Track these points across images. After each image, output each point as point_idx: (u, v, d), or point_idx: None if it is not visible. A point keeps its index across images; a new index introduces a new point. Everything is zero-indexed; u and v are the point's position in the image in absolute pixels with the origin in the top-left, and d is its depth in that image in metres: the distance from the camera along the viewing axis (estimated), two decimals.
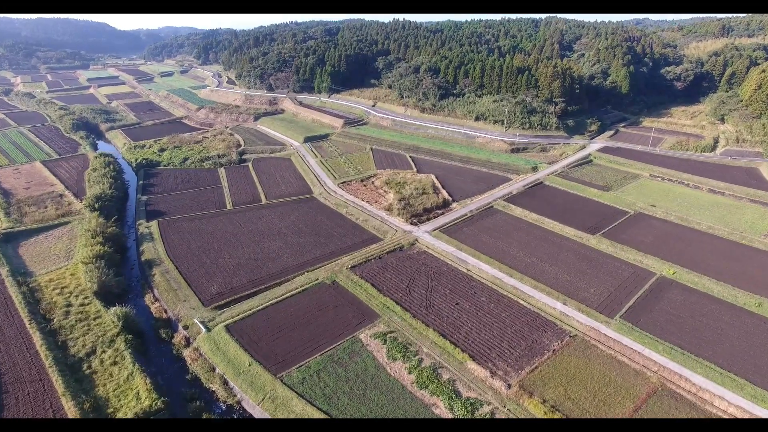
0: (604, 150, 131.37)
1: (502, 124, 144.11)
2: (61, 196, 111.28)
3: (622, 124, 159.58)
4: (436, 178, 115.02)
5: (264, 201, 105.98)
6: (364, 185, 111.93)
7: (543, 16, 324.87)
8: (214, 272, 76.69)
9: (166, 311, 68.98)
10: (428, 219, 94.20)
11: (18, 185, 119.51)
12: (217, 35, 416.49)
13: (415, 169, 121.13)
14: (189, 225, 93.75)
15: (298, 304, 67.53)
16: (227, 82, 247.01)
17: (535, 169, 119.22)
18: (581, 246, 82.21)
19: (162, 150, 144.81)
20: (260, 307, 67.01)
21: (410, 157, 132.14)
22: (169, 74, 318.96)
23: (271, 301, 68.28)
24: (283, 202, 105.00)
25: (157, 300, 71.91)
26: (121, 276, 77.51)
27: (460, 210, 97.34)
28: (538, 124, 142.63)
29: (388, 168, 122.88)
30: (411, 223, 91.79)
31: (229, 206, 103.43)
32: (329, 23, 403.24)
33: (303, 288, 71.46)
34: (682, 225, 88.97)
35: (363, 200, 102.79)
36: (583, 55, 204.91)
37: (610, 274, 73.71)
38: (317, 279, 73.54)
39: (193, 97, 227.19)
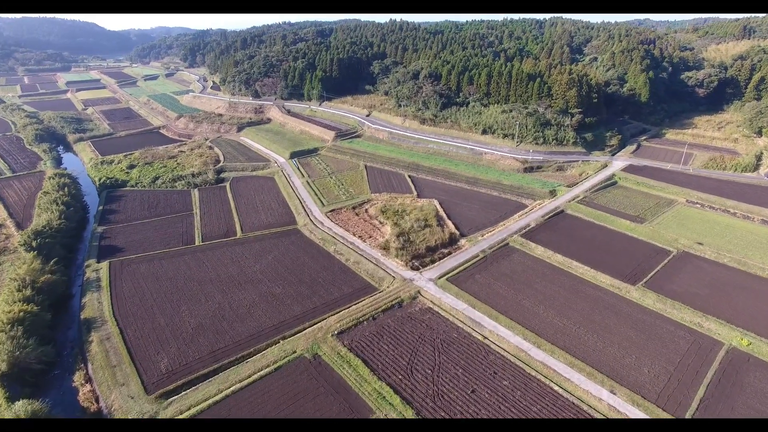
0: (630, 169, 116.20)
1: (513, 138, 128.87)
2: (0, 226, 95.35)
3: (644, 137, 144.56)
4: (440, 204, 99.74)
5: (239, 234, 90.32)
6: (357, 214, 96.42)
7: (547, 16, 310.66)
8: (167, 338, 61.14)
9: (97, 399, 53.28)
10: (432, 261, 78.78)
11: None
12: (206, 36, 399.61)
13: (415, 193, 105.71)
14: (147, 267, 78.04)
15: (269, 392, 52.02)
16: (212, 87, 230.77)
17: (553, 193, 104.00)
18: (621, 301, 66.97)
19: (131, 167, 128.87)
20: (219, 397, 51.57)
21: (409, 176, 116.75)
22: (154, 78, 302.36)
23: (234, 387, 52.81)
24: (262, 236, 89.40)
25: (89, 381, 56.11)
26: (50, 343, 61.57)
27: (469, 249, 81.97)
28: (553, 139, 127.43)
29: (384, 191, 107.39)
30: (412, 268, 76.37)
31: (197, 241, 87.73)
32: (323, 24, 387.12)
33: (276, 365, 55.99)
34: (742, 270, 73.86)
35: (355, 234, 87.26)
36: (595, 59, 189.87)
37: (663, 343, 58.52)
38: (294, 351, 58.06)
39: (175, 104, 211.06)
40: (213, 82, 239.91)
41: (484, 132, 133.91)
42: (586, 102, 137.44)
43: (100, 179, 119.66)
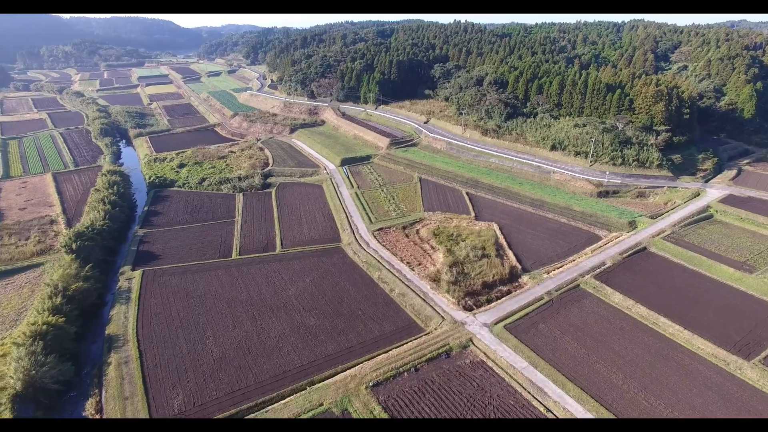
0: (729, 200, 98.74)
1: (586, 156, 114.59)
2: (52, 222, 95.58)
3: (745, 160, 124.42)
4: (500, 229, 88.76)
5: (278, 249, 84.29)
6: (406, 235, 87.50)
7: (626, 18, 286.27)
8: (186, 369, 55.46)
9: None
10: (488, 301, 68.44)
11: (15, 204, 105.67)
12: (270, 34, 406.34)
13: (472, 215, 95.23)
14: (178, 281, 73.60)
15: None
16: (269, 86, 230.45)
17: (632, 225, 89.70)
18: (730, 381, 53.25)
19: (181, 165, 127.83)
20: None
21: (467, 194, 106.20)
22: (217, 74, 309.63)
23: None
24: (302, 253, 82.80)
25: (99, 411, 51.32)
26: (71, 361, 57.50)
27: (532, 288, 70.66)
28: (633, 160, 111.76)
29: (438, 209, 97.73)
30: (464, 307, 66.45)
31: (234, 253, 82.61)
32: (384, 24, 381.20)
33: (298, 419, 48.40)
34: None
35: (402, 260, 78.38)
36: (685, 67, 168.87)
37: None
38: (321, 403, 50.11)
39: (232, 101, 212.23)
40: (271, 80, 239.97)
41: (554, 148, 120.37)
42: (675, 118, 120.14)
43: (150, 177, 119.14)
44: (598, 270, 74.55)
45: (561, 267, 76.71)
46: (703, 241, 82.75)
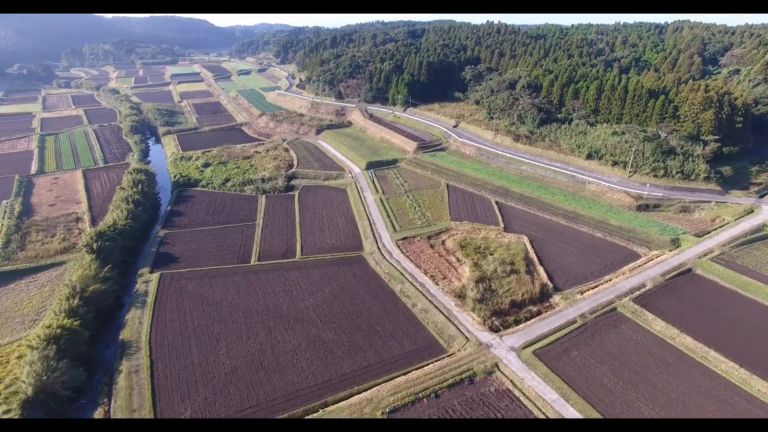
0: None
1: (624, 167, 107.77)
2: (77, 220, 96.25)
3: None
4: (531, 243, 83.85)
5: (298, 256, 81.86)
6: (432, 246, 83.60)
7: (669, 19, 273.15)
8: (196, 381, 53.41)
9: None
10: (516, 322, 63.93)
11: (46, 200, 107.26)
12: (300, 33, 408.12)
13: (501, 226, 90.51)
14: (195, 286, 72.05)
15: None
16: (297, 85, 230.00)
17: (676, 242, 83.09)
18: None
19: (206, 165, 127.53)
20: None
21: (496, 203, 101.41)
22: (247, 72, 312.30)
23: None
24: (323, 261, 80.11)
25: None
26: (83, 366, 56.25)
27: (564, 310, 65.68)
28: (677, 171, 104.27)
29: (465, 219, 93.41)
30: (490, 328, 62.19)
31: (253, 259, 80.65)
32: (415, 24, 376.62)
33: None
34: None
35: (426, 273, 74.58)
36: (737, 71, 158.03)
37: None
38: None
39: (260, 100, 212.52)
40: (299, 80, 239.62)
41: (589, 156, 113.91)
42: (726, 127, 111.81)
43: (174, 176, 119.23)
44: (638, 292, 68.78)
45: (596, 287, 71.33)
46: (759, 265, 75.53)
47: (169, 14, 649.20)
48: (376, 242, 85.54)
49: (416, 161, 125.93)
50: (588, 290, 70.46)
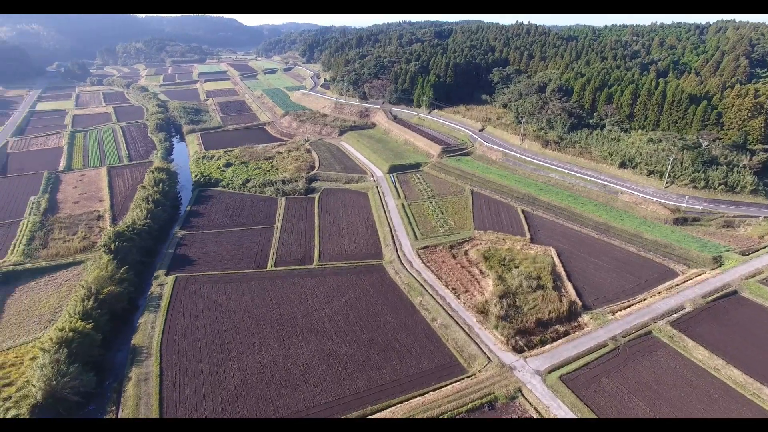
0: None
1: (661, 176, 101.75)
2: (99, 218, 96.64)
3: None
4: (558, 256, 79.52)
5: (316, 262, 79.65)
6: (454, 256, 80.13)
7: (711, 19, 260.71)
8: (205, 394, 51.67)
9: None
10: (542, 342, 60.02)
11: (70, 197, 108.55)
12: (327, 33, 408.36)
13: (527, 236, 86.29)
14: (209, 291, 70.66)
15: None
16: (321, 85, 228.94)
17: (718, 261, 77.23)
18: None
19: (228, 165, 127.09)
20: None
21: (522, 211, 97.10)
22: (273, 71, 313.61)
23: None
24: (340, 268, 77.67)
25: None
26: (93, 371, 55.17)
27: (594, 331, 61.36)
28: (719, 183, 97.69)
29: (490, 228, 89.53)
30: (514, 348, 58.49)
31: (270, 264, 78.86)
32: (442, 24, 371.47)
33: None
34: None
35: (448, 285, 71.22)
36: None
37: None
38: None
39: (284, 100, 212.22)
40: (324, 79, 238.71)
41: (623, 165, 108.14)
42: None
43: (196, 176, 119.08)
44: (676, 315, 63.80)
45: (629, 307, 66.64)
46: None
47: (199, 14, 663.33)
48: (396, 250, 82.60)
49: (440, 166, 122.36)
50: (620, 310, 65.89)
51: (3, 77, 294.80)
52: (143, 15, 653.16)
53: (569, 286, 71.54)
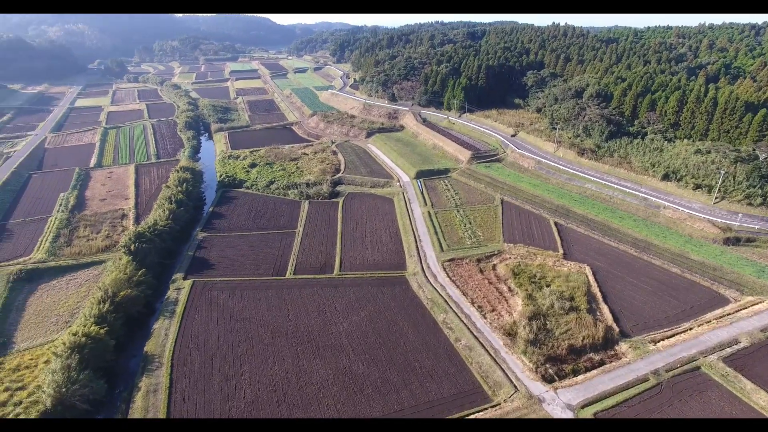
0: None
1: (709, 191, 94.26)
2: (123, 216, 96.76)
3: None
4: (593, 274, 74.15)
5: (336, 271, 76.80)
6: (481, 270, 75.79)
7: None
8: (213, 411, 49.60)
9: None
10: (574, 372, 55.17)
11: (98, 194, 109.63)
12: (358, 32, 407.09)
13: (560, 252, 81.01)
14: (225, 298, 68.82)
15: None
16: (350, 85, 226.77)
17: None
18: None
19: (253, 165, 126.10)
20: None
21: (555, 224, 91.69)
22: (303, 71, 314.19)
23: None
24: (361, 279, 74.57)
25: None
26: (104, 378, 53.78)
27: (634, 363, 56.08)
28: None
29: (520, 241, 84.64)
30: (543, 377, 53.91)
31: (289, 272, 76.45)
32: (475, 24, 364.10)
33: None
34: None
35: (474, 303, 67.05)
36: None
37: None
38: None
39: (313, 99, 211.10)
40: (353, 80, 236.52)
41: (666, 177, 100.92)
42: None
43: (220, 176, 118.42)
44: (729, 350, 57.73)
45: (672, 336, 60.90)
46: None
47: (234, 13, 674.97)
48: (421, 262, 78.87)
49: (469, 173, 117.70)
50: (662, 339, 60.30)
51: (49, 74, 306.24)
52: (181, 15, 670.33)
53: (605, 308, 66.24)
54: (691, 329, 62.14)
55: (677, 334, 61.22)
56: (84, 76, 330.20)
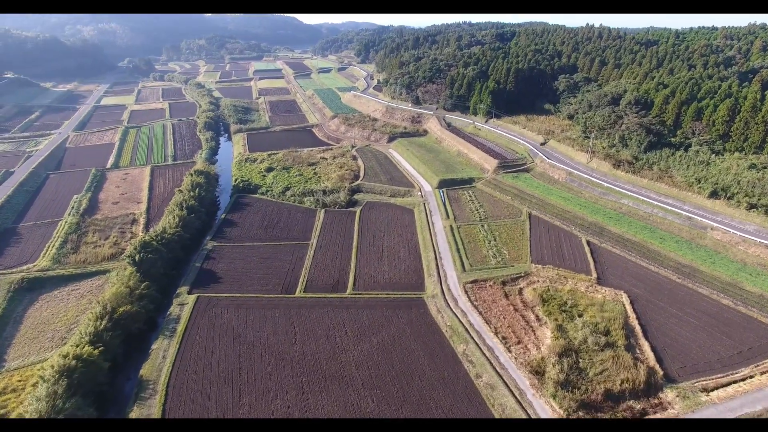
0: None
1: (766, 212, 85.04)
2: (133, 222, 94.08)
3: None
4: (631, 303, 66.77)
5: (349, 290, 71.55)
6: (506, 294, 69.34)
7: None
8: None
9: None
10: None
11: (111, 196, 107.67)
12: (384, 33, 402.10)
13: (594, 275, 73.75)
14: (230, 317, 64.48)
15: None
16: (374, 87, 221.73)
17: None
18: None
19: (269, 170, 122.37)
20: None
21: (588, 243, 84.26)
22: (327, 71, 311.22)
23: None
24: (376, 300, 69.15)
25: None
26: (92, 408, 49.79)
27: (681, 413, 48.92)
28: None
29: (549, 262, 77.67)
30: None
31: (299, 290, 71.59)
32: (504, 25, 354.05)
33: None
34: None
35: (497, 333, 60.73)
36: None
37: None
38: None
39: (335, 101, 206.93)
40: (377, 81, 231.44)
41: (714, 194, 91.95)
42: None
43: (236, 180, 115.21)
44: None
45: (728, 385, 53.13)
46: None
47: (262, 13, 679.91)
48: (441, 283, 72.90)
49: (495, 183, 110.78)
50: (716, 388, 52.61)
51: (81, 72, 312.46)
52: (210, 15, 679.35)
53: (646, 345, 58.93)
54: (752, 377, 54.16)
55: (734, 381, 53.47)
56: (113, 74, 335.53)
